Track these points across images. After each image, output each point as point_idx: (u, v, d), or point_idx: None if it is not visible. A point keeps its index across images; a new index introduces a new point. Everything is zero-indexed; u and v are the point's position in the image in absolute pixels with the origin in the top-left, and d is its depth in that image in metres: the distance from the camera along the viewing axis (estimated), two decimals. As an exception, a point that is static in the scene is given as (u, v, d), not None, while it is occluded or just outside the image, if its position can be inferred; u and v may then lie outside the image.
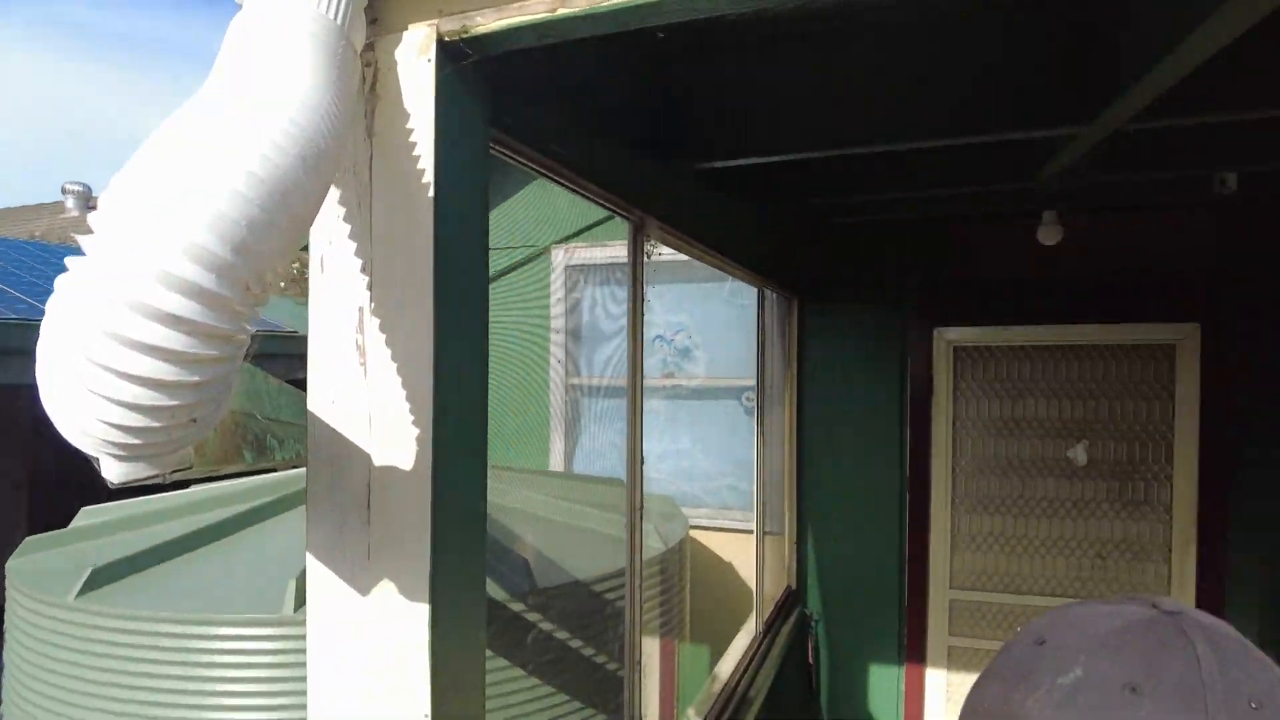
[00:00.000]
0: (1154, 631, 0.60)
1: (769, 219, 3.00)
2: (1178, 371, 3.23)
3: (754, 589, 3.08)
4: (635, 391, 1.79)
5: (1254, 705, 0.56)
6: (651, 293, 4.32)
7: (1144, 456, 3.29)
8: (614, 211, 1.64)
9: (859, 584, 3.52)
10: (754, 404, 3.22)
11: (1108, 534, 3.33)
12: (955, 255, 3.44)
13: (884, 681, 3.52)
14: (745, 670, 2.72)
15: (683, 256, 2.23)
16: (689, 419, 4.49)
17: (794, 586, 3.54)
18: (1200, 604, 3.21)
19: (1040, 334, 3.35)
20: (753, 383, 3.24)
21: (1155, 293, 3.23)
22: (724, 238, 2.36)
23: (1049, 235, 2.75)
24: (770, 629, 3.07)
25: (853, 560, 3.53)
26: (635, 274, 1.76)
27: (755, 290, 3.09)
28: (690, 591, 4.23)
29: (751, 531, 3.18)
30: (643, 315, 1.80)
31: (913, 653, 3.49)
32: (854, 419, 3.50)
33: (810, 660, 3.52)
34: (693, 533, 4.64)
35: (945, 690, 3.45)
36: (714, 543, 4.63)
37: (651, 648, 3.52)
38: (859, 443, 3.51)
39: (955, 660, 3.46)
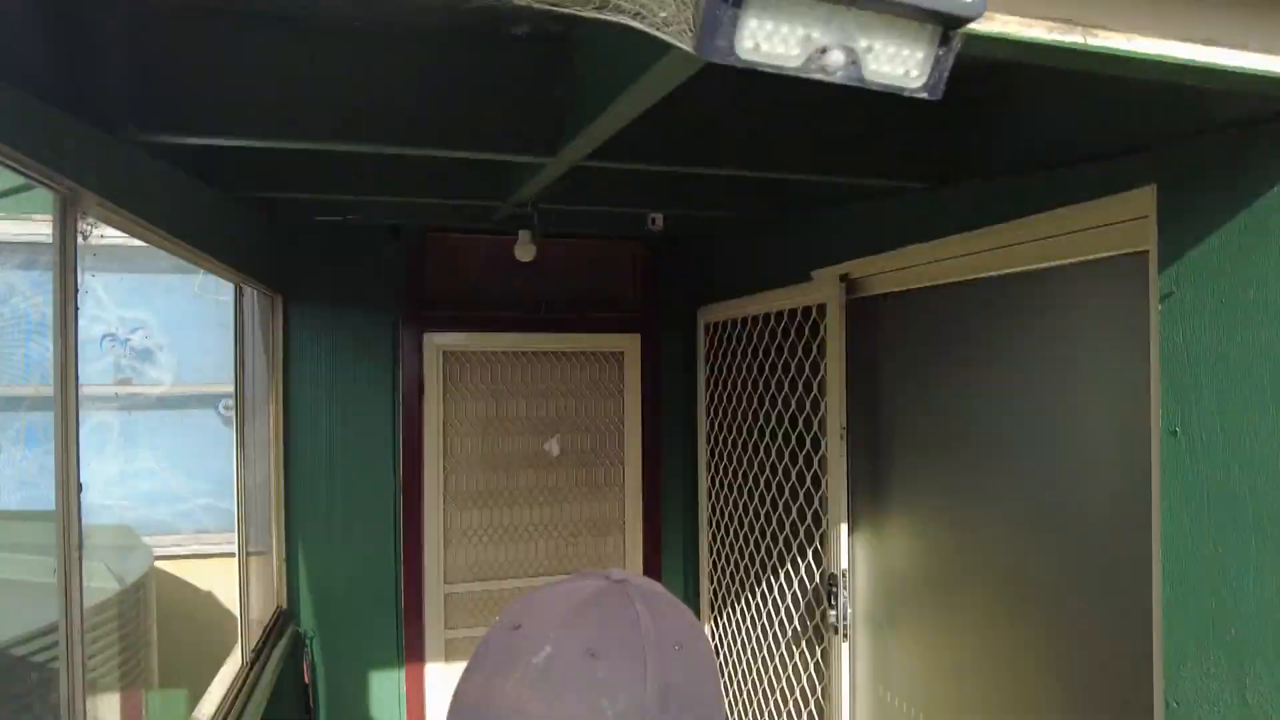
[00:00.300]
0: (606, 600, 0.69)
1: (247, 209, 2.76)
2: (625, 373, 3.84)
3: (239, 616, 2.80)
4: (67, 402, 1.48)
5: (678, 647, 0.68)
6: (97, 283, 3.63)
7: (603, 446, 3.83)
8: (33, 179, 1.34)
9: (356, 593, 3.44)
10: (233, 412, 2.92)
11: (578, 515, 3.81)
12: (443, 264, 3.58)
13: (385, 686, 3.50)
14: (232, 706, 2.45)
15: (141, 242, 1.93)
16: (154, 433, 3.89)
17: (285, 606, 3.31)
18: (646, 568, 3.88)
19: (519, 340, 3.67)
20: (231, 389, 2.94)
21: (609, 307, 3.81)
22: (191, 224, 2.09)
23: (524, 253, 3.03)
24: (259, 656, 2.82)
25: (348, 570, 3.43)
26: (65, 258, 1.46)
27: (232, 286, 2.81)
28: (160, 632, 3.67)
29: (234, 554, 2.88)
30: (76, 308, 1.51)
31: (412, 652, 3.53)
32: (345, 424, 3.41)
33: (306, 680, 3.33)
34: (163, 564, 4.03)
35: (445, 684, 3.56)
36: (190, 572, 4.10)
37: (109, 708, 2.96)
38: (351, 448, 3.43)
39: (453, 652, 3.60)
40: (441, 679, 3.57)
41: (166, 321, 3.70)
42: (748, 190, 2.76)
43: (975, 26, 0.83)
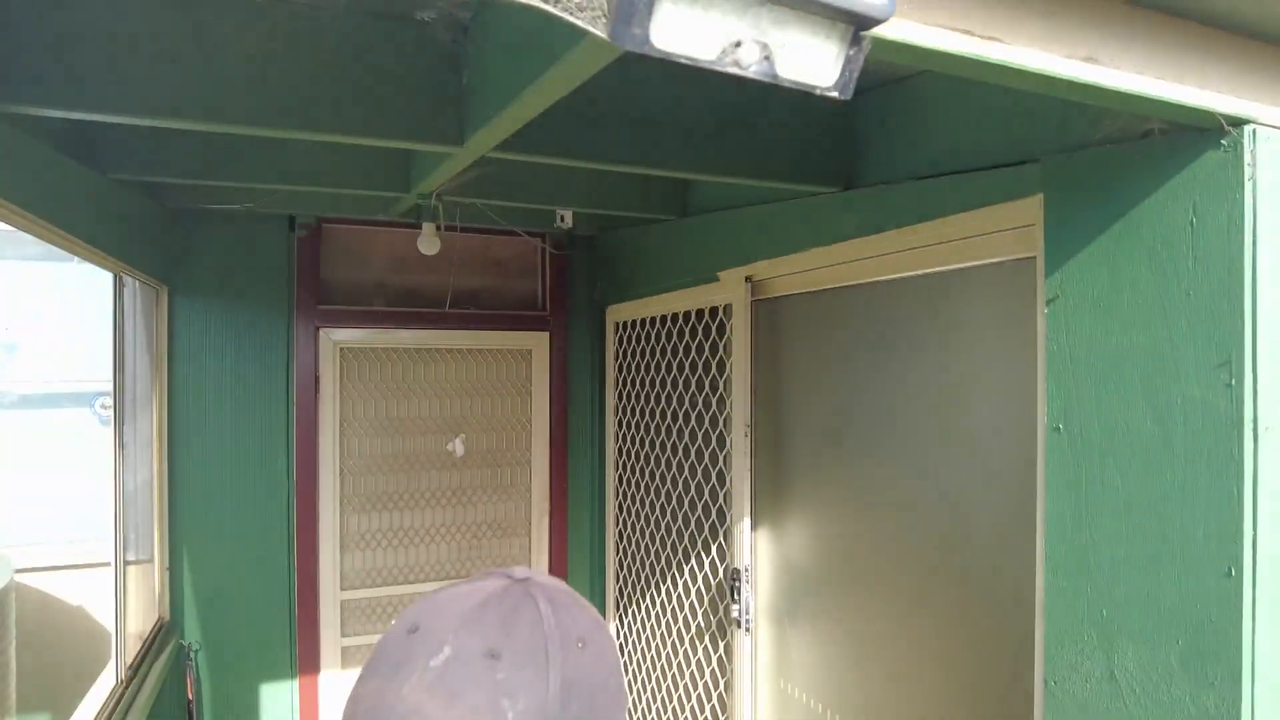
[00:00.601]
0: (507, 599, 0.68)
1: (128, 193, 2.58)
2: (533, 372, 3.80)
3: (114, 631, 2.61)
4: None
5: (581, 644, 0.68)
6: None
7: (509, 446, 3.78)
8: None
9: (246, 601, 3.28)
10: (112, 411, 2.73)
11: (482, 516, 3.74)
12: (341, 256, 3.46)
13: (278, 698, 3.34)
14: (103, 729, 2.29)
15: (3, 226, 1.78)
16: (17, 435, 3.60)
17: (168, 618, 3.12)
18: (552, 568, 3.85)
19: (422, 337, 3.58)
20: (110, 386, 2.75)
21: (517, 304, 3.76)
22: (59, 206, 1.94)
23: (428, 246, 2.95)
24: (137, 673, 2.65)
25: (238, 577, 3.26)
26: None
27: (111, 276, 2.63)
28: (23, 653, 3.39)
29: (110, 564, 2.69)
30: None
31: (306, 662, 3.39)
32: (236, 423, 3.24)
33: (190, 696, 3.15)
34: (28, 577, 3.74)
35: (341, 694, 3.43)
36: (59, 584, 3.82)
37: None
38: (242, 449, 3.26)
39: (350, 660, 3.48)
40: (338, 688, 3.44)
41: (33, 313, 3.43)
42: (657, 189, 2.78)
43: (882, 31, 0.85)
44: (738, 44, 0.82)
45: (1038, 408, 1.49)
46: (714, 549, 2.79)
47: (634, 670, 3.44)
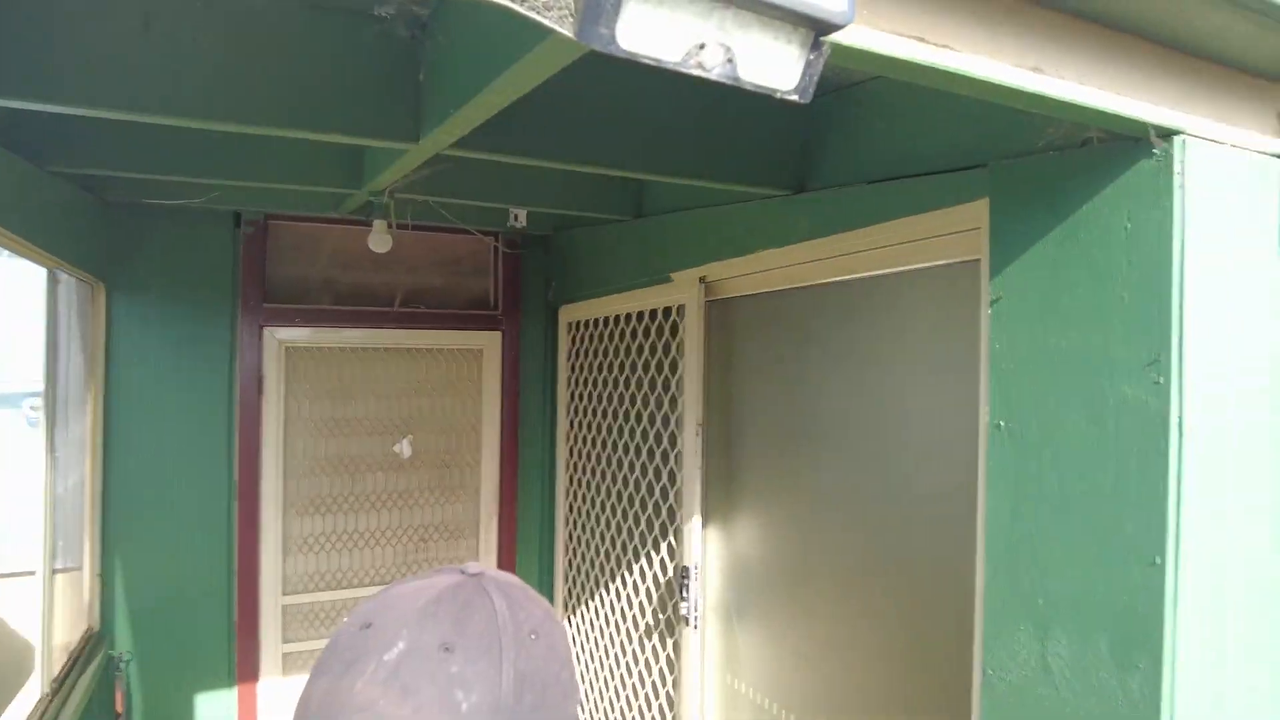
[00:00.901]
0: (461, 593, 0.68)
1: (64, 186, 2.49)
2: (484, 372, 3.77)
3: (39, 642, 2.51)
4: None
5: (533, 636, 0.68)
6: None
7: (458, 447, 3.74)
8: None
9: (182, 609, 3.18)
10: (42, 413, 2.63)
11: (430, 519, 3.70)
12: (289, 253, 3.39)
13: (215, 708, 3.25)
14: (26, 743, 2.20)
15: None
16: (-62, 436, 3.44)
17: (98, 627, 3.01)
18: (501, 567, 3.82)
19: (371, 336, 3.53)
20: (40, 387, 2.65)
21: (469, 303, 3.73)
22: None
23: (379, 244, 2.91)
24: (63, 686, 2.55)
25: (175, 584, 3.16)
26: None
27: (44, 271, 2.53)
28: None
29: (36, 573, 2.59)
30: None
31: (245, 670, 3.30)
32: (176, 425, 3.15)
33: (119, 710, 3.04)
34: (-58, 585, 3.56)
35: (282, 701, 3.35)
36: (-22, 593, 3.66)
37: None
38: (181, 452, 3.16)
39: (292, 667, 3.40)
40: (279, 696, 3.36)
41: (-43, 309, 3.28)
42: (613, 189, 2.80)
43: (839, 38, 0.88)
44: (702, 46, 0.84)
45: (980, 406, 1.55)
46: (664, 547, 2.81)
47: (583, 668, 3.43)
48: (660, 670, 2.83)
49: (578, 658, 3.51)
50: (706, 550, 2.63)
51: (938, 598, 1.83)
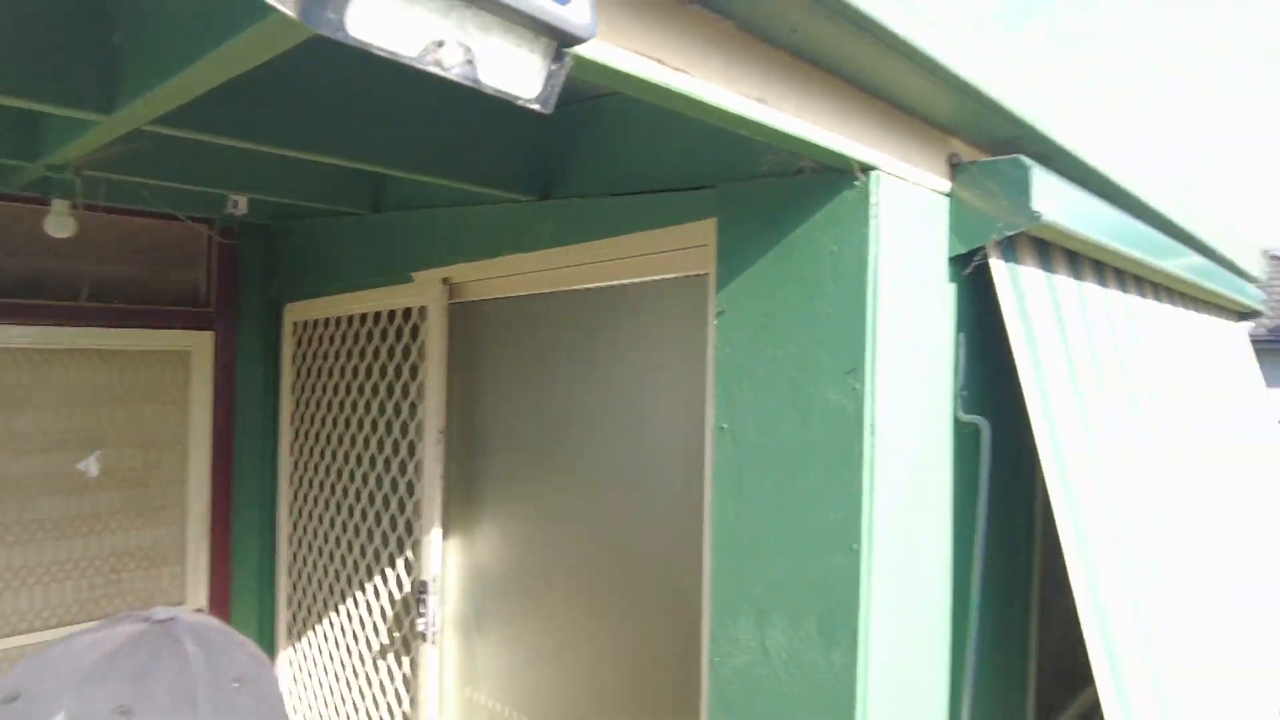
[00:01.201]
0: (144, 644, 0.60)
1: None
2: (193, 377, 3.37)
3: None
4: None
5: (236, 684, 0.62)
6: None
7: (160, 462, 3.31)
8: None
9: None
10: None
11: (124, 545, 3.23)
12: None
13: None
14: None
15: None
16: None
17: None
18: (213, 599, 3.43)
19: (47, 335, 3.01)
20: None
21: (175, 298, 3.31)
22: None
23: (59, 227, 2.49)
24: None
25: None
26: None
27: None
28: None
29: None
30: None
31: None
32: None
33: None
34: None
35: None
36: None
37: None
38: None
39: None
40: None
41: None
42: (348, 180, 2.63)
43: (582, 52, 0.89)
44: (440, 44, 0.81)
45: (707, 409, 1.65)
46: (400, 562, 2.69)
47: (312, 696, 3.19)
48: (396, 691, 2.71)
49: (305, 685, 3.25)
50: (447, 561, 2.56)
51: (671, 594, 1.92)
